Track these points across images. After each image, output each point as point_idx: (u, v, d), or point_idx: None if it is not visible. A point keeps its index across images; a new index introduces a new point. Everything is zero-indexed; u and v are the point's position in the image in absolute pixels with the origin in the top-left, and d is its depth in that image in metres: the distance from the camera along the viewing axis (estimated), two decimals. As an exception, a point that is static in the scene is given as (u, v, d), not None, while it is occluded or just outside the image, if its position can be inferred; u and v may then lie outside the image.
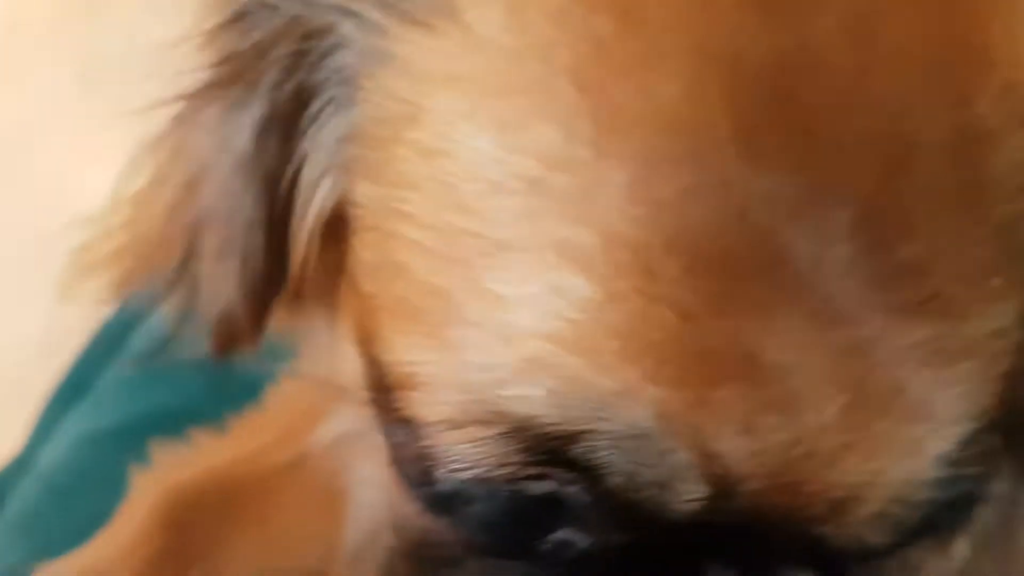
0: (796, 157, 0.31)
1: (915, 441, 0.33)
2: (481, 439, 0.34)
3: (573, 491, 0.34)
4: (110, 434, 0.63)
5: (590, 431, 0.32)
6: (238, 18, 0.39)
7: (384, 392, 0.38)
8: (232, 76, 0.39)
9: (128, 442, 0.60)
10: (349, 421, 0.49)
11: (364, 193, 0.38)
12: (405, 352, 0.36)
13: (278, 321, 0.47)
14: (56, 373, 0.78)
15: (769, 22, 0.32)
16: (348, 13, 0.37)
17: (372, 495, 0.50)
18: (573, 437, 0.32)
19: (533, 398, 0.32)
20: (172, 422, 0.60)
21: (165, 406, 0.64)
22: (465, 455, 0.34)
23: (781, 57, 0.32)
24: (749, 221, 0.31)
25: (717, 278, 0.31)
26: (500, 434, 0.33)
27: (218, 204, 0.41)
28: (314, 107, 0.39)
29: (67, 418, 0.68)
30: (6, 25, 1.84)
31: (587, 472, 0.33)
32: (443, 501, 0.37)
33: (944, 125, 0.33)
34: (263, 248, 0.41)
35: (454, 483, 0.35)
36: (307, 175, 0.40)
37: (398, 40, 0.36)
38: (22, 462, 0.68)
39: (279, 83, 0.39)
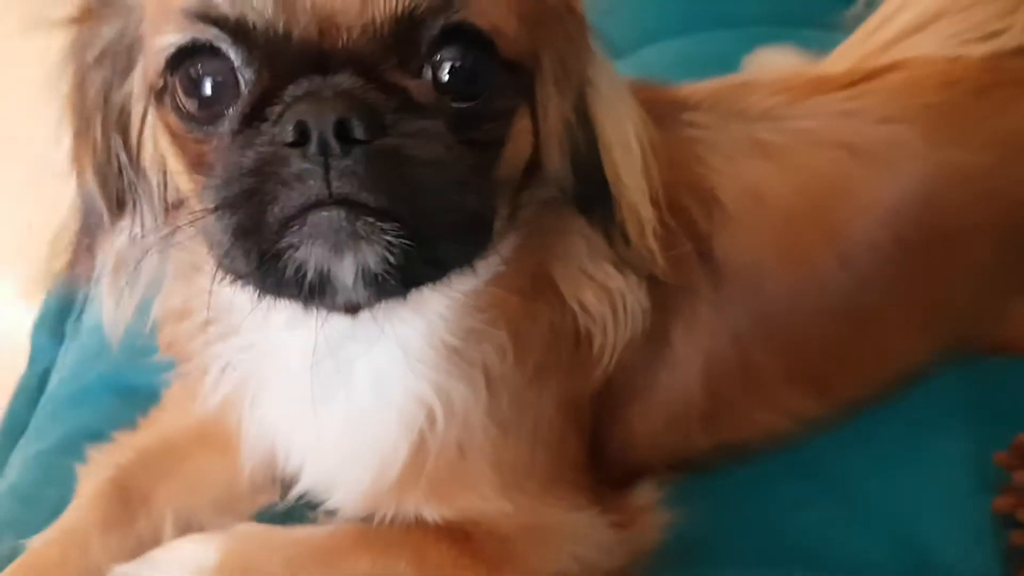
0: None
1: None
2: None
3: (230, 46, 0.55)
4: (52, 450, 0.86)
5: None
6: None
7: None
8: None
9: (68, 451, 0.83)
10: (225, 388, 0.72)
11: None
12: None
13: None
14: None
15: None
16: None
17: (255, 430, 0.73)
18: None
19: None
20: (96, 432, 0.83)
21: (88, 423, 0.86)
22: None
23: None
24: None
25: None
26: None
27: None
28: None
29: (13, 453, 0.90)
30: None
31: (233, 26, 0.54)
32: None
33: None
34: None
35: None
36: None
37: None
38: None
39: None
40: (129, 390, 0.88)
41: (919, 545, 0.78)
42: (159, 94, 0.59)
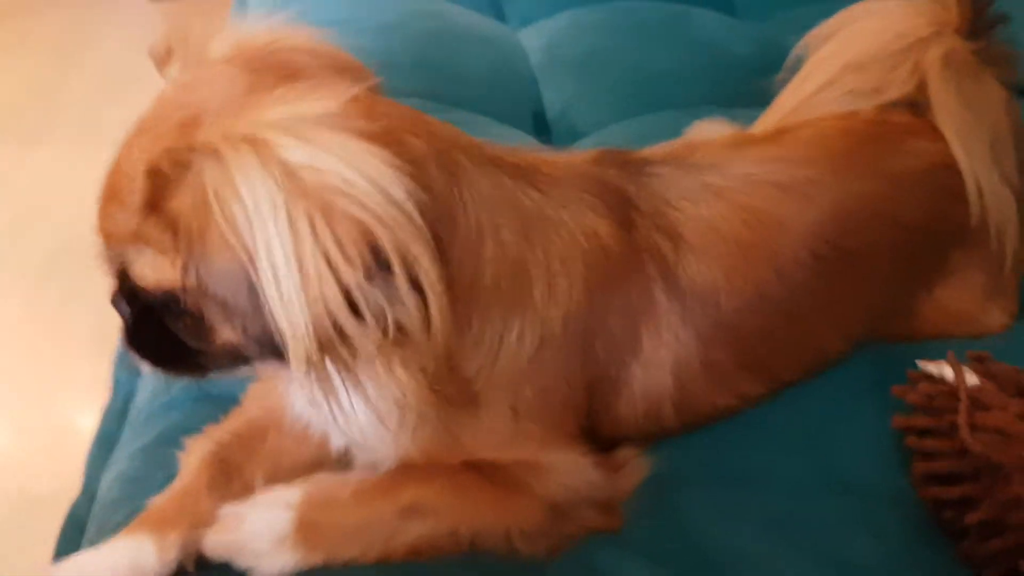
0: None
1: None
2: None
3: None
4: (152, 444, 1.05)
5: None
6: None
7: None
8: None
9: (166, 443, 1.02)
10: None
11: None
12: None
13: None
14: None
15: None
16: None
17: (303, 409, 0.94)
18: None
19: None
20: (189, 428, 1.03)
21: (180, 423, 1.06)
22: None
23: None
24: None
25: None
26: None
27: None
28: None
29: (112, 454, 1.09)
30: None
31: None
32: None
33: None
34: None
35: None
36: None
37: None
38: (87, 489, 1.08)
39: None
40: (211, 397, 1.08)
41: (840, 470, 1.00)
42: None
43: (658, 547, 0.93)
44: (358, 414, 0.85)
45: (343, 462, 0.97)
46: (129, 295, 0.83)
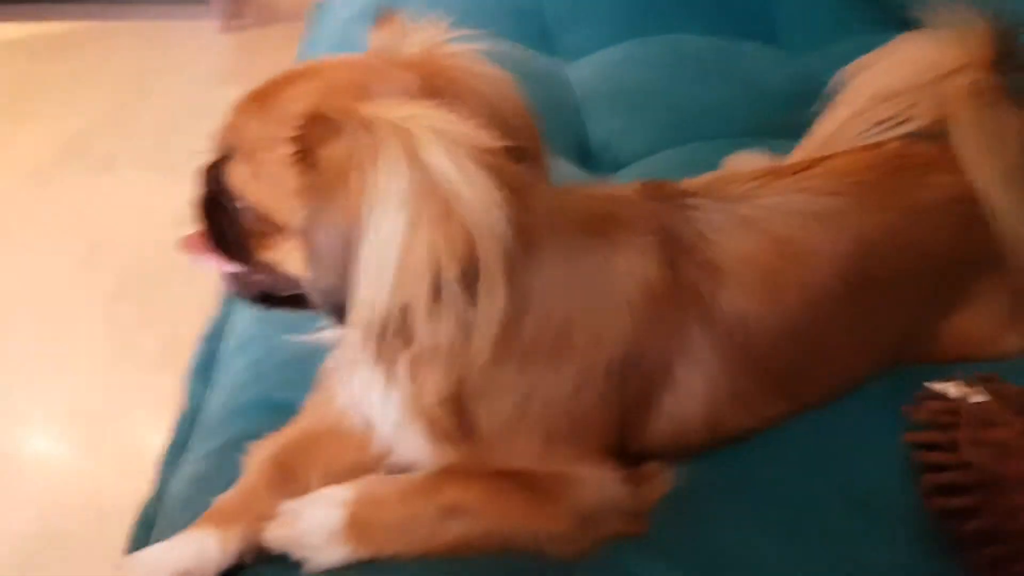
0: None
1: None
2: None
3: None
4: (219, 449, 1.15)
5: None
6: None
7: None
8: None
9: (233, 449, 1.11)
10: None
11: None
12: None
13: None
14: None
15: None
16: None
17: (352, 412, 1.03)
18: None
19: None
20: (253, 435, 1.11)
21: (245, 430, 1.15)
22: None
23: None
24: None
25: None
26: None
27: None
28: None
29: (182, 458, 1.19)
30: None
31: None
32: None
33: None
34: None
35: None
36: None
37: None
38: (158, 490, 1.18)
39: None
40: (275, 407, 1.16)
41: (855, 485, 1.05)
42: None
43: (681, 552, 0.99)
44: (391, 412, 0.96)
45: (391, 467, 1.05)
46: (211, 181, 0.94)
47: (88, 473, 2.10)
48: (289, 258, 0.92)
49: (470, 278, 0.83)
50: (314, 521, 0.95)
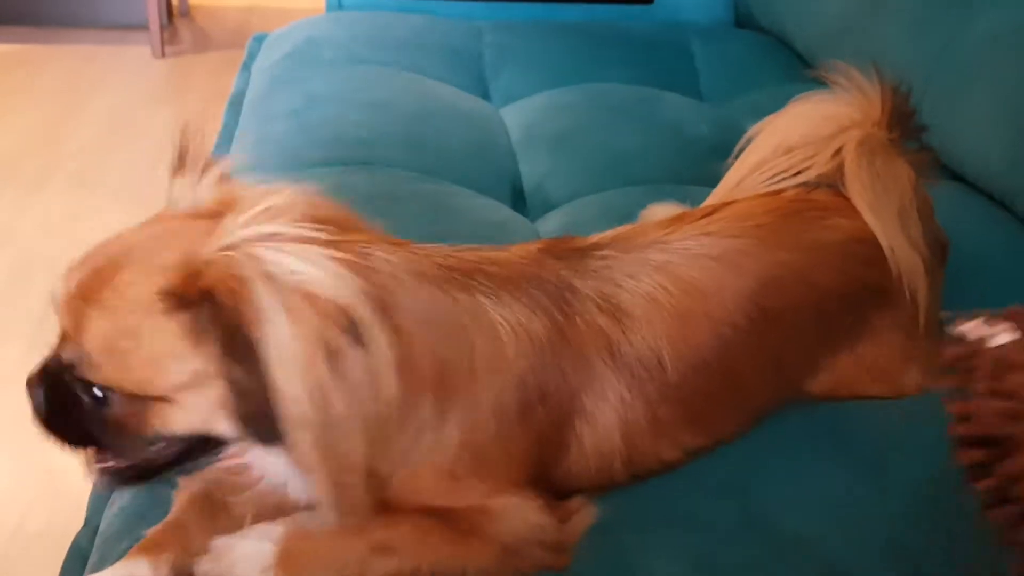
0: None
1: None
2: None
3: None
4: (150, 484, 1.17)
5: None
6: None
7: None
8: None
9: (163, 483, 1.13)
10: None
11: None
12: None
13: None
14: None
15: None
16: None
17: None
18: None
19: None
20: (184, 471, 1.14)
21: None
22: None
23: None
24: None
25: None
26: None
27: None
28: None
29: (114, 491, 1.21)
30: None
31: None
32: None
33: None
34: None
35: None
36: None
37: None
38: (90, 521, 1.20)
39: None
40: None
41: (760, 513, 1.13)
42: None
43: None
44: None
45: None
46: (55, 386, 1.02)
47: (15, 496, 2.08)
48: (180, 415, 0.97)
49: (354, 332, 0.92)
50: (246, 556, 0.99)
